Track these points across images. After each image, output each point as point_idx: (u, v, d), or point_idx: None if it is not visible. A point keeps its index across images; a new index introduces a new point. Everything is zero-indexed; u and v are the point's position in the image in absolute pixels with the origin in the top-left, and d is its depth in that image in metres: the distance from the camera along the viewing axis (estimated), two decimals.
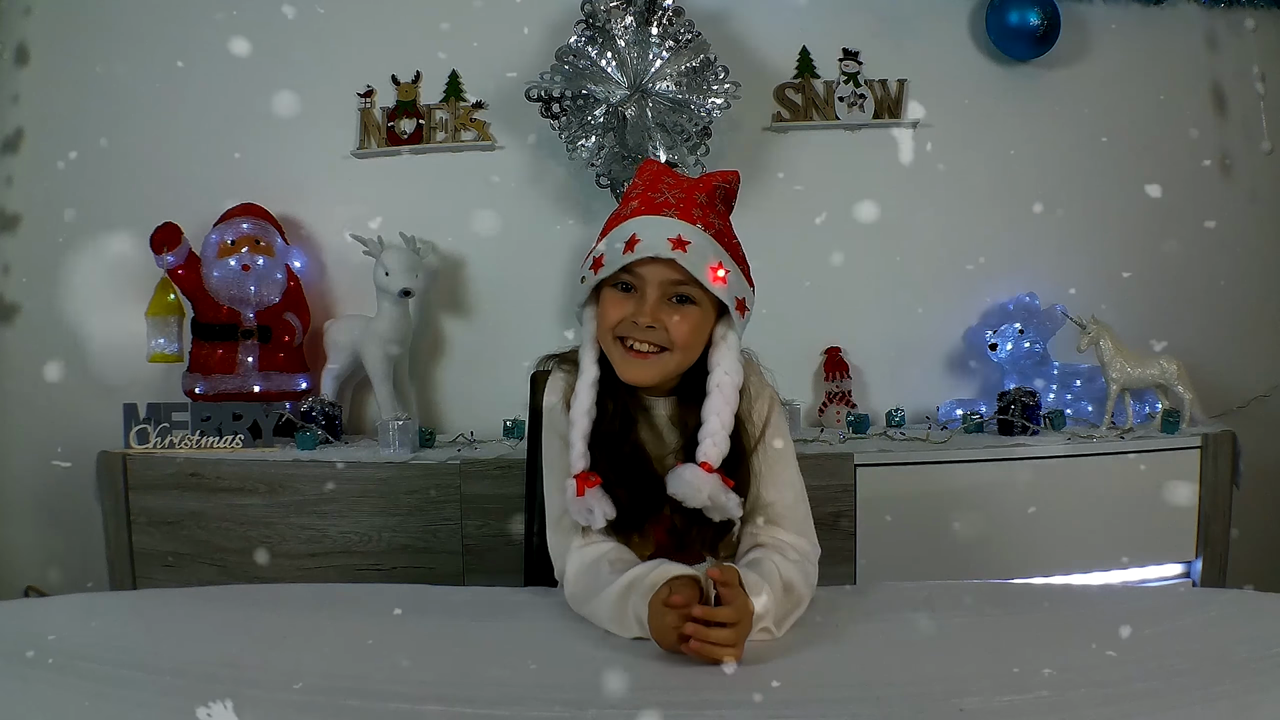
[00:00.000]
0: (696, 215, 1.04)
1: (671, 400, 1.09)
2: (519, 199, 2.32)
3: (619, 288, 1.04)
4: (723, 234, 1.07)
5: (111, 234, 2.28)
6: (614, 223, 1.07)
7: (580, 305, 1.09)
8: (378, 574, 1.85)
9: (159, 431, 1.96)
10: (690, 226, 1.02)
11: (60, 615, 1.02)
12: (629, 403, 1.07)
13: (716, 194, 1.09)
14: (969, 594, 1.04)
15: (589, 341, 1.07)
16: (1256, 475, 2.09)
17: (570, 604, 1.01)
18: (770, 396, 1.12)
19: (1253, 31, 2.38)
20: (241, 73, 2.28)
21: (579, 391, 1.04)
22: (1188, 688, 0.74)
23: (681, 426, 1.07)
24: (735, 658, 0.82)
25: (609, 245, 1.04)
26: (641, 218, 1.04)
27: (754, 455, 1.07)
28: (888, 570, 1.86)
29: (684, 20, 2.13)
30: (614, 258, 1.02)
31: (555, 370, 1.13)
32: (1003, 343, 2.21)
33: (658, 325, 1.01)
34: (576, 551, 1.02)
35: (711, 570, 0.86)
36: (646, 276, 1.02)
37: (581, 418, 1.03)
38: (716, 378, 1.04)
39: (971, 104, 2.35)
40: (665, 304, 1.02)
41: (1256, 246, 2.39)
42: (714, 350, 1.06)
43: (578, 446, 1.02)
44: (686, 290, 1.03)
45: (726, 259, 1.05)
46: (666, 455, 1.07)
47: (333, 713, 0.74)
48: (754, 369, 1.12)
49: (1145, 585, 1.95)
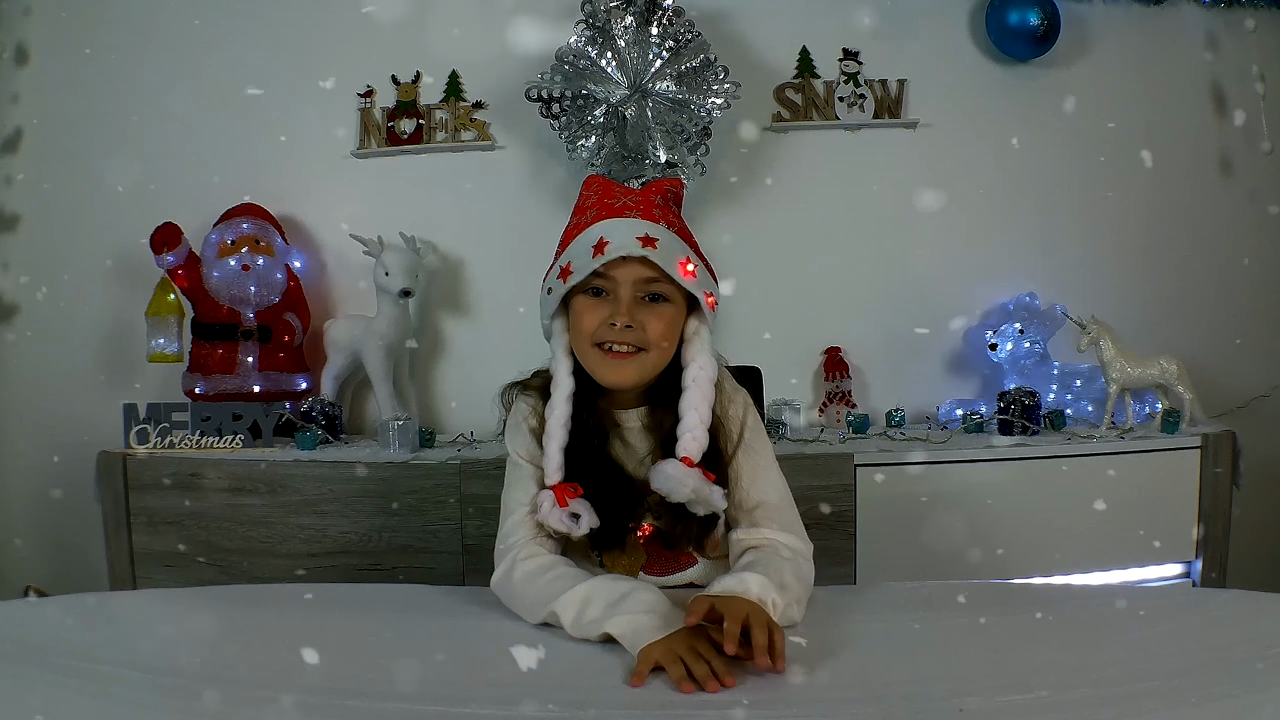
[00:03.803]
0: (657, 214, 1.06)
1: (643, 410, 1.09)
2: (519, 199, 2.32)
3: (590, 293, 1.05)
4: (683, 232, 1.09)
5: (111, 234, 2.28)
6: (574, 231, 1.07)
7: (549, 318, 1.09)
8: (378, 574, 1.84)
9: (159, 431, 1.96)
10: (655, 225, 1.04)
11: (60, 615, 1.02)
12: (602, 416, 1.08)
13: (669, 196, 1.11)
14: (969, 594, 1.04)
15: (562, 354, 1.07)
16: (1256, 475, 2.09)
17: (499, 587, 1.01)
18: (744, 399, 1.13)
19: (1253, 31, 2.38)
20: (242, 73, 2.29)
21: (555, 404, 1.05)
22: (1188, 688, 0.74)
23: (657, 430, 1.07)
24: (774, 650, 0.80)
25: (575, 252, 1.04)
26: (606, 221, 1.04)
27: (735, 457, 1.08)
28: (888, 570, 1.86)
29: (684, 20, 2.13)
30: (583, 263, 1.02)
31: (519, 397, 1.13)
32: (1003, 343, 2.21)
33: (635, 325, 1.01)
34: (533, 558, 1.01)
35: (689, 620, 0.83)
36: (619, 278, 1.02)
37: (559, 430, 1.04)
38: (692, 373, 1.05)
39: (971, 104, 2.35)
40: (639, 303, 1.03)
41: (1256, 246, 2.39)
42: (687, 346, 1.07)
43: (555, 458, 1.02)
44: (658, 288, 1.03)
45: (692, 255, 1.06)
46: (639, 465, 1.07)
47: (333, 713, 0.74)
48: (725, 373, 1.12)
49: (1145, 585, 1.95)
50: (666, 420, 1.05)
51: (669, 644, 0.81)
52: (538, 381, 1.13)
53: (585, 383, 1.06)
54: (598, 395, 1.08)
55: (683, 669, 0.78)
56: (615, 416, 1.09)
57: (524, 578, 0.98)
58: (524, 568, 0.99)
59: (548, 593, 0.94)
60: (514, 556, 1.01)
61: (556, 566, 0.99)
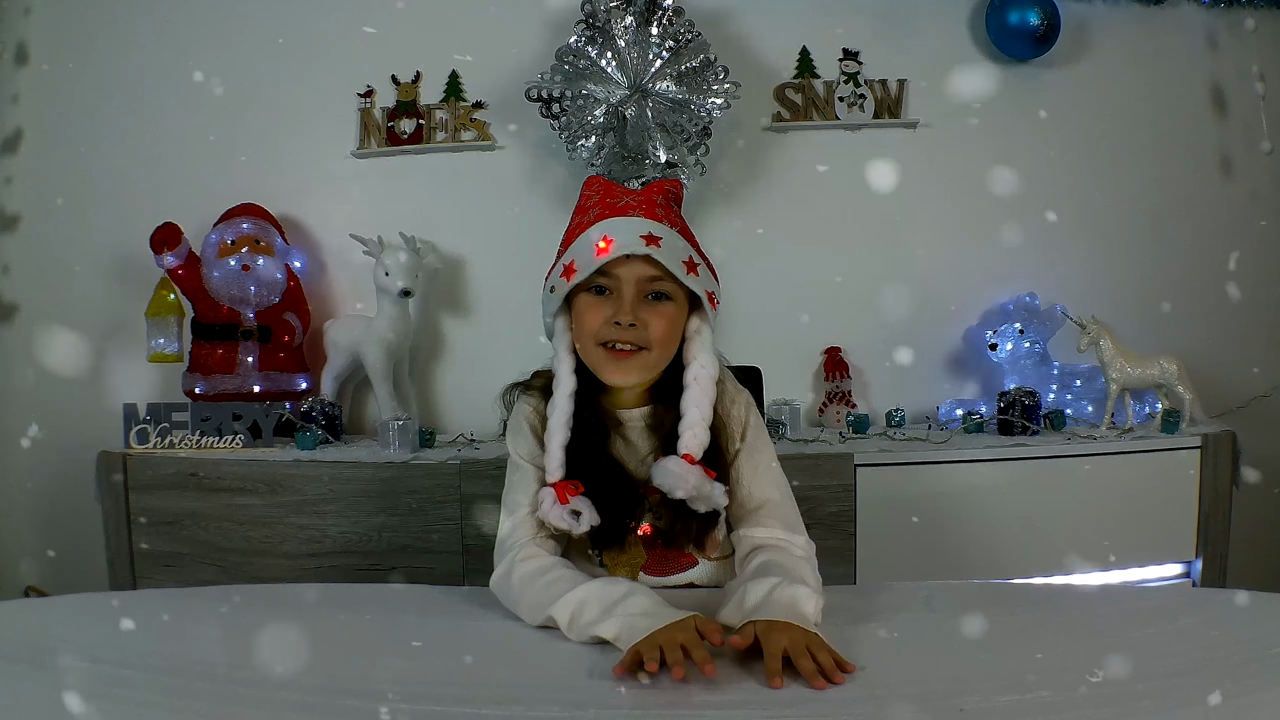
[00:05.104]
0: (660, 214, 1.06)
1: (645, 409, 1.09)
2: (519, 199, 2.32)
3: (593, 291, 1.05)
4: (684, 232, 1.09)
5: (111, 234, 2.28)
6: (577, 230, 1.07)
7: (551, 317, 1.10)
8: (378, 574, 1.84)
9: (159, 431, 1.96)
10: (658, 224, 1.04)
11: (60, 615, 1.02)
12: (604, 416, 1.08)
13: (670, 196, 1.11)
14: (969, 594, 1.04)
15: (565, 352, 1.07)
16: (1256, 475, 2.09)
17: (497, 587, 1.01)
18: (747, 399, 1.13)
19: (1253, 31, 2.38)
20: (242, 73, 2.29)
21: (558, 402, 1.05)
22: (1188, 688, 0.74)
23: (658, 429, 1.07)
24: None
25: (578, 251, 1.05)
26: (609, 220, 1.05)
27: (737, 457, 1.08)
28: (888, 570, 1.86)
29: (684, 20, 2.13)
30: (587, 261, 1.03)
31: (520, 398, 1.13)
32: (1003, 343, 2.21)
33: (638, 323, 1.02)
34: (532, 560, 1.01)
35: (736, 641, 0.83)
36: (622, 276, 1.03)
37: (561, 428, 1.04)
38: (694, 371, 1.05)
39: (971, 104, 2.35)
40: (642, 302, 1.03)
41: (1256, 246, 2.39)
42: (689, 345, 1.07)
43: (557, 456, 1.03)
44: (662, 287, 1.04)
45: (694, 254, 1.06)
46: (640, 464, 1.07)
47: (333, 713, 0.74)
48: (727, 373, 1.13)
49: (1145, 585, 1.95)
50: (668, 418, 1.06)
51: (654, 636, 0.82)
52: (539, 382, 1.13)
53: (587, 381, 1.07)
54: (600, 393, 1.08)
55: (658, 654, 0.79)
56: (617, 415, 1.09)
57: (522, 579, 0.98)
58: (522, 569, 0.99)
59: (545, 597, 0.94)
60: (513, 557, 1.01)
61: (555, 569, 0.99)
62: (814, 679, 0.77)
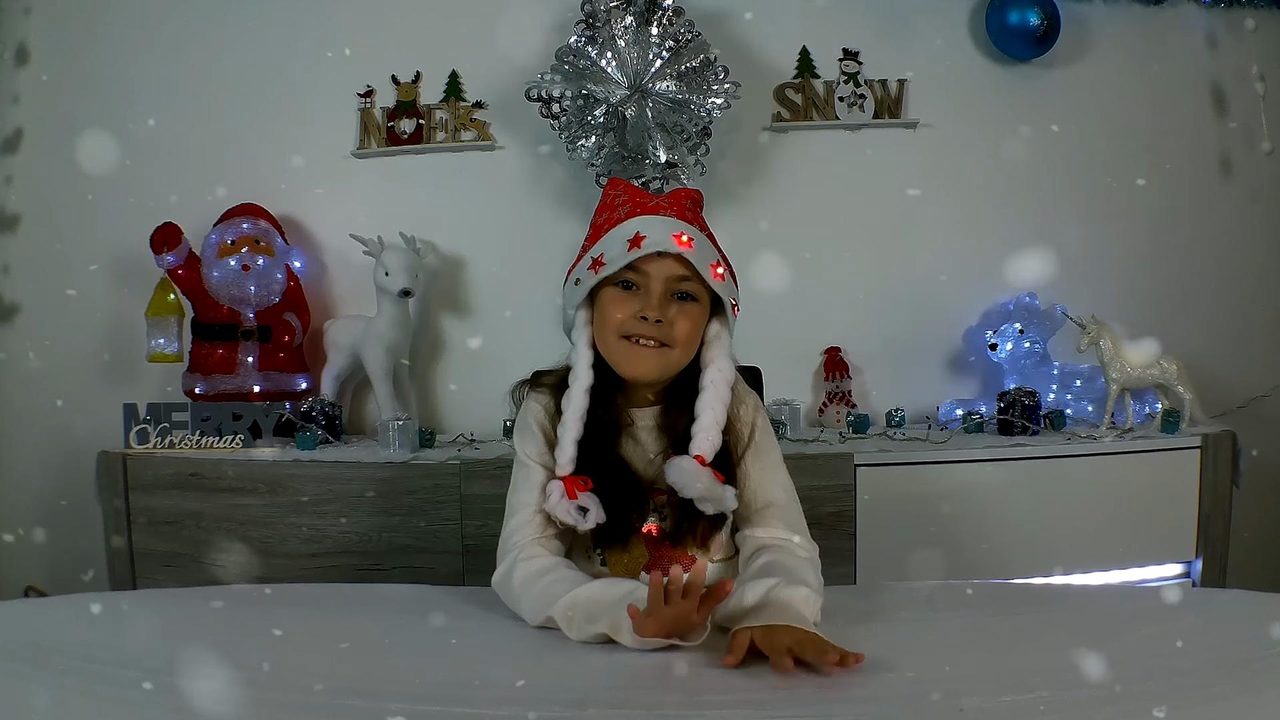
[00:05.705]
0: (689, 217, 1.08)
1: (656, 409, 1.10)
2: (519, 199, 2.32)
3: (620, 286, 1.05)
4: (711, 239, 1.10)
5: (111, 234, 2.28)
6: (607, 226, 1.08)
7: (573, 309, 1.10)
8: (378, 574, 1.84)
9: (159, 431, 1.96)
10: (689, 226, 1.06)
11: (60, 615, 1.02)
12: (616, 413, 1.08)
13: (696, 204, 1.13)
14: (969, 594, 1.04)
15: (584, 346, 1.07)
16: (1256, 475, 2.09)
17: (499, 585, 1.02)
18: (755, 401, 1.14)
19: (1253, 31, 2.38)
20: (241, 72, 2.29)
21: (574, 397, 1.05)
22: (1188, 688, 0.74)
23: (669, 430, 1.08)
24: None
25: (609, 245, 1.05)
26: (643, 217, 1.05)
27: (744, 458, 1.09)
28: (888, 570, 1.85)
29: (684, 20, 2.13)
30: (617, 256, 1.03)
31: (530, 396, 1.13)
32: (1003, 343, 2.21)
33: (664, 320, 1.02)
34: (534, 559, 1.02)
35: (729, 660, 0.84)
36: (652, 273, 1.03)
37: (575, 422, 1.04)
38: (710, 375, 1.05)
39: (971, 104, 2.35)
40: (669, 300, 1.04)
41: (1256, 246, 2.39)
42: (707, 349, 1.08)
43: (569, 450, 1.03)
44: (689, 287, 1.05)
45: (721, 259, 1.07)
46: (648, 465, 1.07)
47: (333, 713, 0.74)
48: (737, 376, 1.13)
49: (1145, 585, 1.95)
50: (680, 421, 1.06)
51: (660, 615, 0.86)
52: (550, 379, 1.13)
53: (602, 378, 1.07)
54: (615, 391, 1.08)
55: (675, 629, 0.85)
56: (629, 414, 1.09)
57: (524, 579, 0.99)
58: (524, 569, 0.99)
59: (546, 597, 0.94)
60: (515, 557, 1.01)
61: (556, 569, 0.99)
62: (826, 665, 0.78)
